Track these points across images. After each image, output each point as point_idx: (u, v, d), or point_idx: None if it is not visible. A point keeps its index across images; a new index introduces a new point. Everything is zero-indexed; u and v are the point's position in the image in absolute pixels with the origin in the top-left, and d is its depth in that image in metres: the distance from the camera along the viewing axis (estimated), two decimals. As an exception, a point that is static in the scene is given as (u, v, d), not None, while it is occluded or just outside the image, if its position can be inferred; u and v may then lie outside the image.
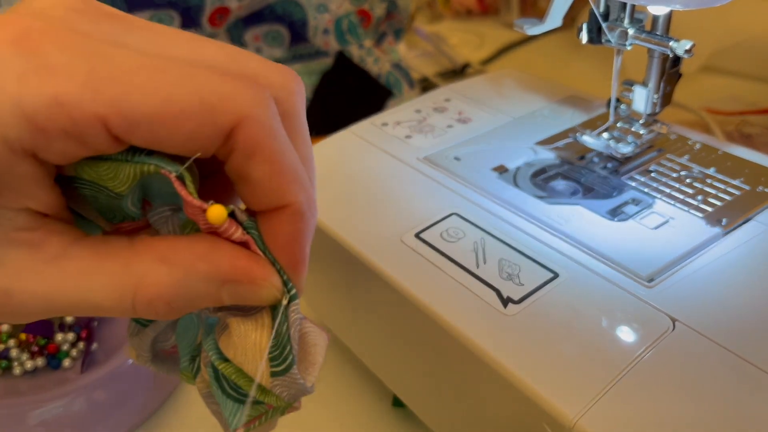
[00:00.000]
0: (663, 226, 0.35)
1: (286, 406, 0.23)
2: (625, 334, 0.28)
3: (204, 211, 0.19)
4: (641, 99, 0.39)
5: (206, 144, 0.18)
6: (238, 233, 0.20)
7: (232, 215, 0.20)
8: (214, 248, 0.20)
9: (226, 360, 0.21)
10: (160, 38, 0.19)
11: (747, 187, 0.37)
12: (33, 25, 0.17)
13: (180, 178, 0.19)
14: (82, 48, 0.17)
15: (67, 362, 0.38)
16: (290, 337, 0.21)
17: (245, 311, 0.22)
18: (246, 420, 0.23)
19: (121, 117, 0.17)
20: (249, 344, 0.21)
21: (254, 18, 0.59)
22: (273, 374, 0.21)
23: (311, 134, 0.22)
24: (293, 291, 0.21)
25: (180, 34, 0.20)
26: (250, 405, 0.22)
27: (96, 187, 0.20)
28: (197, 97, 0.17)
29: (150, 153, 0.19)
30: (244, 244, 0.20)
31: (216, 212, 0.19)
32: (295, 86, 0.21)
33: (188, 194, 0.19)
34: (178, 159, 0.20)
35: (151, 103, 0.17)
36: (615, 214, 0.36)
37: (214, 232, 0.20)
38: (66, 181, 0.21)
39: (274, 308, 0.21)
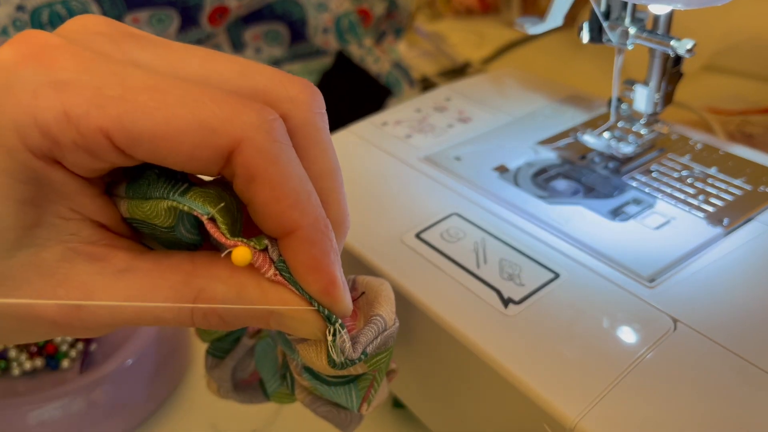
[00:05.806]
0: (664, 226, 0.34)
1: (384, 368, 0.24)
2: (627, 335, 0.28)
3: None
4: (642, 98, 0.39)
5: (207, 165, 0.19)
6: (270, 272, 0.20)
7: (265, 250, 0.20)
8: None
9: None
10: (174, 55, 0.20)
11: (749, 187, 0.37)
12: (50, 41, 0.18)
13: (212, 219, 0.19)
14: (93, 66, 0.18)
15: (65, 363, 0.38)
16: (351, 360, 0.21)
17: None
18: (362, 393, 0.23)
19: (124, 132, 0.18)
20: (316, 367, 0.21)
21: (254, 17, 0.59)
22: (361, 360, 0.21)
23: None
24: (337, 323, 0.20)
25: (193, 50, 0.20)
26: (356, 380, 0.23)
27: (148, 224, 0.21)
28: (196, 118, 0.18)
29: (188, 187, 0.20)
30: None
31: (239, 255, 0.19)
32: (307, 97, 0.21)
33: (221, 235, 0.19)
34: (217, 181, 0.20)
35: (153, 121, 0.18)
36: (616, 214, 0.36)
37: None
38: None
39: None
